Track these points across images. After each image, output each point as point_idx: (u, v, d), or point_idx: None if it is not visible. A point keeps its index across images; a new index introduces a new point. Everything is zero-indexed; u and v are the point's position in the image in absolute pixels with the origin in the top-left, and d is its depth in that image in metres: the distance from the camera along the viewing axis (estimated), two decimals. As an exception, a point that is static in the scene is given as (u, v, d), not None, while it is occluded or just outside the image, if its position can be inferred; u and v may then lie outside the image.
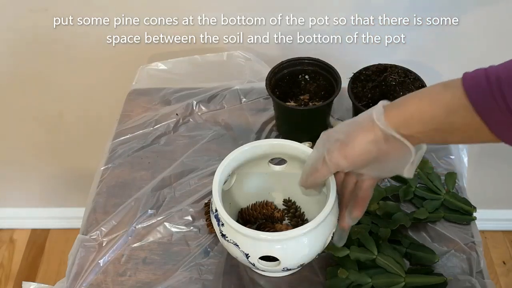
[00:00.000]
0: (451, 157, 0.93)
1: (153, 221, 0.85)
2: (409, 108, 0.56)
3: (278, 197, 0.84)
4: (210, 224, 0.83)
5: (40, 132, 1.39)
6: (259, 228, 0.80)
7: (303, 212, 0.82)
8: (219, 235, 0.71)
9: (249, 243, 0.67)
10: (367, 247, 0.76)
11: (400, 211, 0.83)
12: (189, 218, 0.86)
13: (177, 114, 1.02)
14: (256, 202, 0.82)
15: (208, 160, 0.93)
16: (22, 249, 1.65)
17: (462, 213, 0.83)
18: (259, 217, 0.80)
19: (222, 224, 0.68)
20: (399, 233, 0.80)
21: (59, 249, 1.65)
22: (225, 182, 0.75)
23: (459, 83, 0.53)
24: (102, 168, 0.93)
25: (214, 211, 0.70)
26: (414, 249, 0.78)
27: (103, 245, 0.82)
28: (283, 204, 0.83)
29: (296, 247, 0.67)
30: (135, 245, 0.83)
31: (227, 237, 0.68)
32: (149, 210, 0.87)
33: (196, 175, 0.91)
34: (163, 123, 1.00)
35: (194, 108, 1.03)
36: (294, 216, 0.82)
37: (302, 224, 0.68)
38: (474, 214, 0.83)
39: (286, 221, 0.82)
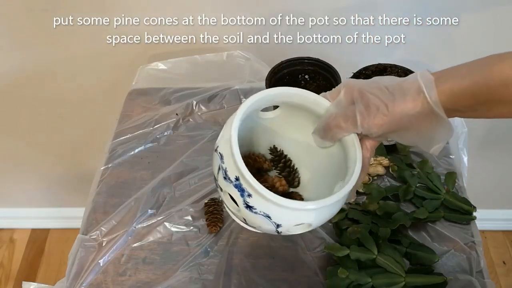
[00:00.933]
0: (451, 156, 0.93)
1: (153, 221, 0.85)
2: (464, 81, 0.54)
3: (261, 146, 0.74)
4: (210, 224, 0.83)
5: (40, 132, 1.39)
6: None
7: (292, 161, 0.73)
8: (242, 205, 0.61)
9: (286, 214, 0.60)
10: (367, 246, 0.76)
11: (400, 210, 0.83)
12: (189, 218, 0.86)
13: (177, 114, 1.02)
14: (248, 153, 0.72)
15: (208, 160, 0.93)
16: (22, 249, 1.65)
17: (462, 212, 0.83)
18: (251, 171, 0.68)
19: (249, 195, 0.59)
20: (399, 233, 0.80)
21: (59, 249, 1.65)
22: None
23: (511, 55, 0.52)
24: (102, 168, 0.93)
25: (233, 180, 0.60)
26: (414, 249, 0.78)
27: (103, 245, 0.82)
28: (269, 153, 0.73)
29: (329, 211, 0.63)
30: (135, 245, 0.83)
31: (255, 209, 0.60)
32: (149, 210, 0.87)
33: (196, 175, 0.91)
34: (163, 123, 1.00)
35: (194, 108, 1.03)
36: (285, 167, 0.73)
37: (294, 176, 0.62)
38: (474, 214, 0.83)
39: (274, 172, 0.74)
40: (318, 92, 1.00)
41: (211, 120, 1.01)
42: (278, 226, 0.61)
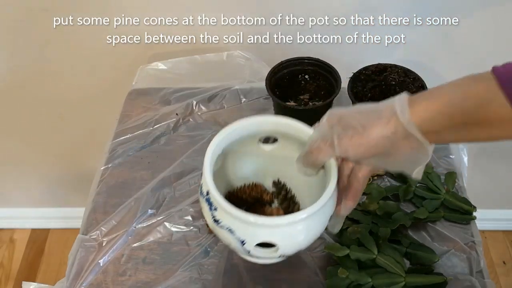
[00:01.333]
0: (451, 156, 0.93)
1: (153, 221, 0.85)
2: (438, 102, 0.54)
3: (267, 179, 0.77)
4: (210, 224, 0.83)
5: (40, 132, 1.39)
6: (247, 211, 0.72)
7: (294, 194, 0.76)
8: (210, 221, 0.64)
9: (247, 229, 0.61)
10: (367, 246, 0.76)
11: (400, 210, 0.83)
12: (189, 218, 0.86)
13: (177, 114, 1.02)
14: (245, 184, 0.76)
15: (208, 160, 0.93)
16: (22, 249, 1.65)
17: (462, 212, 0.83)
18: (248, 200, 0.75)
19: (215, 209, 0.62)
20: (399, 233, 0.80)
21: (59, 249, 1.65)
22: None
23: (491, 76, 0.51)
24: (102, 168, 0.93)
25: (205, 194, 0.64)
26: (414, 249, 0.78)
27: (103, 245, 0.82)
28: (272, 186, 0.76)
29: (296, 232, 0.63)
30: (135, 245, 0.83)
31: (220, 222, 0.62)
32: (149, 210, 0.87)
33: (196, 175, 0.91)
34: (163, 123, 1.00)
35: (194, 108, 1.03)
36: (285, 199, 0.75)
37: (293, 207, 0.63)
38: (474, 214, 0.83)
39: (275, 204, 0.77)
40: (318, 92, 0.99)
41: (211, 120, 1.01)
42: (243, 243, 0.62)
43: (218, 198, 0.61)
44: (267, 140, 0.75)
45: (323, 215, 0.64)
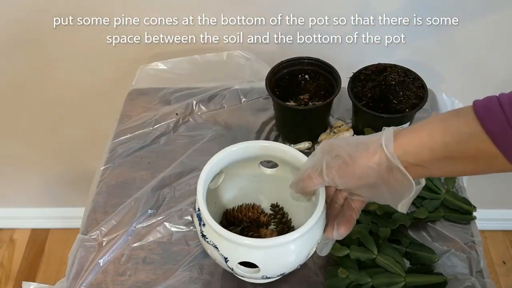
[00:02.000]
0: (451, 156, 0.93)
1: (153, 221, 0.85)
2: (420, 135, 0.55)
3: (266, 201, 0.81)
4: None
5: (40, 132, 1.39)
6: (243, 231, 0.78)
7: (290, 218, 0.80)
8: (199, 234, 0.68)
9: (229, 247, 0.64)
10: (367, 246, 0.76)
11: (400, 210, 0.83)
12: (189, 218, 0.86)
13: (177, 114, 1.02)
14: (243, 204, 0.80)
15: (208, 160, 0.93)
16: (22, 249, 1.65)
17: (462, 212, 0.83)
18: (244, 219, 0.78)
19: (203, 224, 0.66)
20: (399, 233, 0.80)
21: (59, 249, 1.65)
22: (212, 180, 0.73)
23: (471, 110, 0.52)
24: (102, 168, 0.93)
25: (196, 210, 0.68)
26: (414, 249, 0.78)
27: (103, 244, 0.82)
28: (270, 208, 0.80)
29: (278, 255, 0.65)
30: (135, 245, 0.83)
31: (207, 238, 0.66)
32: (149, 210, 0.87)
33: (196, 175, 0.91)
34: (163, 123, 1.00)
35: (194, 108, 1.03)
36: (280, 222, 0.79)
37: (288, 231, 0.65)
38: (474, 214, 0.83)
39: (271, 226, 0.80)
40: (318, 92, 0.99)
41: (211, 120, 1.01)
42: (226, 260, 0.65)
43: (205, 215, 0.65)
44: (269, 163, 0.79)
45: (308, 240, 0.66)
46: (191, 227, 0.84)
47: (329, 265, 0.77)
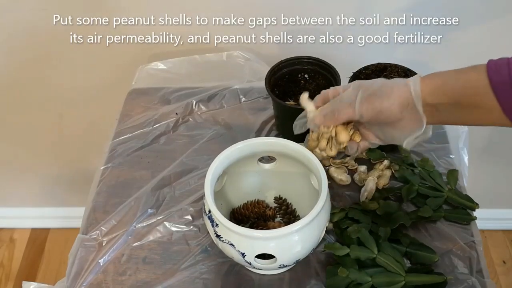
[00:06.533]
0: (451, 156, 0.93)
1: (153, 221, 0.85)
2: (438, 81, 0.63)
3: (269, 195, 0.84)
4: (210, 224, 0.84)
5: (40, 132, 1.39)
6: (252, 227, 0.81)
7: (295, 208, 0.83)
8: (213, 236, 0.71)
9: (245, 242, 0.68)
10: (367, 246, 0.76)
11: (400, 210, 0.83)
12: (189, 217, 0.86)
13: (176, 114, 1.02)
14: (248, 201, 0.83)
15: (208, 160, 0.93)
16: (22, 248, 1.65)
17: (464, 209, 0.83)
18: (252, 216, 0.81)
19: (217, 225, 0.69)
20: (399, 232, 0.80)
21: (59, 249, 1.65)
22: (216, 182, 0.75)
23: (484, 67, 0.60)
24: (102, 168, 0.93)
25: (207, 212, 0.71)
26: (414, 248, 0.78)
27: (103, 244, 0.82)
28: (274, 201, 0.84)
29: (290, 243, 0.68)
30: (135, 244, 0.83)
31: (222, 237, 0.69)
32: (149, 210, 0.87)
33: (196, 175, 0.91)
34: (162, 123, 1.00)
35: (194, 107, 1.03)
36: (286, 213, 0.83)
37: (294, 221, 0.68)
38: (474, 214, 0.83)
39: (278, 219, 0.83)
40: (317, 91, 1.00)
41: (211, 119, 1.01)
42: (243, 255, 0.68)
43: (218, 216, 0.68)
44: (266, 159, 0.82)
45: (317, 225, 0.70)
46: (191, 227, 0.85)
47: (329, 264, 0.77)
